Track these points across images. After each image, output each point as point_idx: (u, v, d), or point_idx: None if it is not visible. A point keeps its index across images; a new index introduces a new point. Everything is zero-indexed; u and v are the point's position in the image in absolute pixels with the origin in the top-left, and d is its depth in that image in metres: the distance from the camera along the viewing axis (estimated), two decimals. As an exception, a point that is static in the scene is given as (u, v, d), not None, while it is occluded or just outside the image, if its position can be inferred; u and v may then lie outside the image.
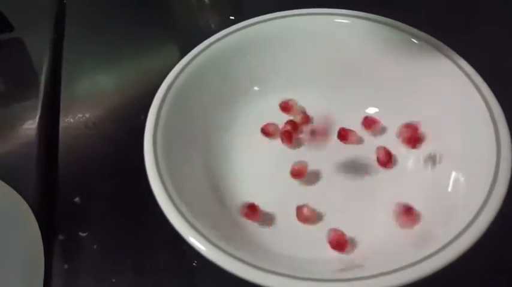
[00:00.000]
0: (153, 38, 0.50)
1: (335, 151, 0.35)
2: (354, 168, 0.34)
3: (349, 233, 0.30)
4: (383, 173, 0.34)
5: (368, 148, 0.35)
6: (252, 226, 0.32)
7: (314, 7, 0.38)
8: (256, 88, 0.38)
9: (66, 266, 0.33)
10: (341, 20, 0.37)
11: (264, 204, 0.32)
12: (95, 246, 0.34)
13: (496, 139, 0.29)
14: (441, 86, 0.34)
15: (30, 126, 0.41)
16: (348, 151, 0.35)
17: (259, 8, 0.40)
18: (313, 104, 0.38)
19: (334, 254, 0.30)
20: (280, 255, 0.29)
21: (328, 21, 0.37)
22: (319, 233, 0.31)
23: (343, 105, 0.37)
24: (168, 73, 0.35)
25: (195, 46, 0.36)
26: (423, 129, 0.34)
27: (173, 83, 0.33)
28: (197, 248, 0.26)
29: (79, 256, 0.33)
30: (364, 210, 0.32)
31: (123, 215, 0.35)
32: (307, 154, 0.35)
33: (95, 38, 0.51)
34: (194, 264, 0.32)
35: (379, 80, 0.37)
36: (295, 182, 0.34)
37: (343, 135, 0.35)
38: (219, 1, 0.56)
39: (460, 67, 0.33)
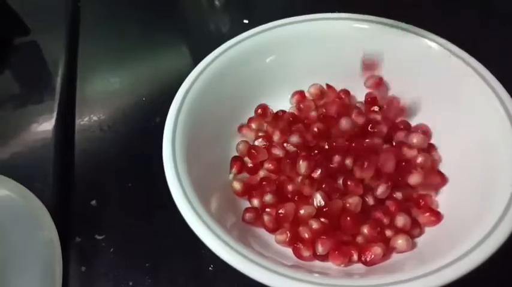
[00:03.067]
0: (166, 40, 0.51)
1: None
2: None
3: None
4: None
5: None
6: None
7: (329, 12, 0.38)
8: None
9: (83, 268, 0.33)
10: (359, 25, 0.37)
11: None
12: (111, 249, 0.34)
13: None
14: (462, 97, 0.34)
15: (46, 128, 0.42)
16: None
17: (270, 12, 0.40)
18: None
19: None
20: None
21: (346, 25, 0.37)
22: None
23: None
24: (181, 75, 0.35)
25: (207, 48, 0.37)
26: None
27: (190, 89, 0.33)
28: (220, 256, 0.26)
29: (96, 259, 0.33)
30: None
31: (140, 218, 0.35)
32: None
33: (109, 41, 0.51)
34: (210, 268, 0.32)
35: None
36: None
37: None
38: (230, 4, 0.56)
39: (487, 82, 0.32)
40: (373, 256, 0.29)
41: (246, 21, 0.50)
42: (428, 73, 0.35)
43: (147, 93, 0.45)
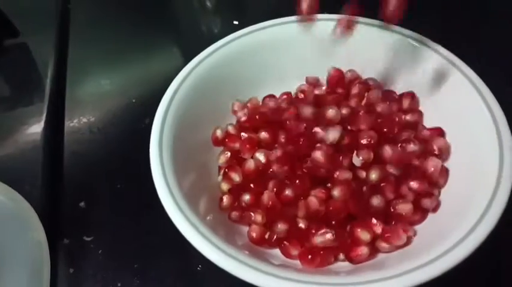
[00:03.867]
0: (157, 41, 0.51)
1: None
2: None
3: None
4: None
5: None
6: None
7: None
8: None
9: (71, 270, 0.33)
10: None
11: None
12: (100, 250, 0.34)
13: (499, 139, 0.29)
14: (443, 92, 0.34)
15: (36, 130, 0.41)
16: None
17: (262, 13, 0.40)
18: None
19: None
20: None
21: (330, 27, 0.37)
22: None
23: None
24: (171, 76, 0.35)
25: (198, 49, 0.37)
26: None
27: (177, 90, 0.34)
28: (207, 256, 0.26)
29: (84, 260, 0.33)
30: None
31: (128, 219, 0.35)
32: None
33: (99, 42, 0.51)
34: (199, 268, 0.32)
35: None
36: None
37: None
38: (222, 5, 0.56)
39: (465, 75, 0.33)
40: (360, 255, 0.29)
41: (236, 22, 0.50)
42: (408, 69, 0.36)
43: (137, 95, 0.45)
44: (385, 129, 0.33)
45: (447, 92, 0.34)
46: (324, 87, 0.38)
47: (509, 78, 0.41)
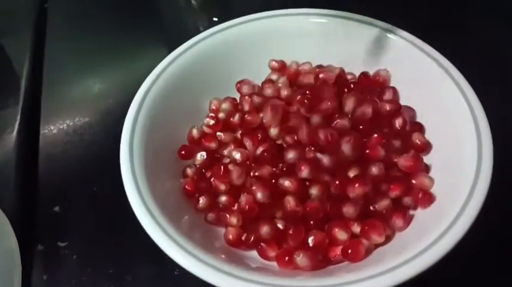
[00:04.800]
0: (137, 41, 0.49)
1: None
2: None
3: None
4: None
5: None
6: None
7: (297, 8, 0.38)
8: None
9: (45, 277, 0.32)
10: (318, 20, 0.37)
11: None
12: (74, 256, 0.33)
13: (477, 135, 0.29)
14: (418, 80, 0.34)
15: (10, 133, 0.40)
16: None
17: (246, 10, 0.39)
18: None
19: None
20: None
21: (305, 21, 0.37)
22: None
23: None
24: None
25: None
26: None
27: (149, 91, 0.33)
28: (178, 263, 0.26)
29: (58, 267, 0.32)
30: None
31: (104, 224, 0.35)
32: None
33: (77, 43, 0.50)
34: (176, 273, 0.31)
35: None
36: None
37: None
38: (207, 3, 0.55)
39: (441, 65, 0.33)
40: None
41: (215, 19, 0.49)
42: (390, 64, 0.36)
43: (115, 96, 0.44)
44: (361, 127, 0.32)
45: (427, 88, 0.34)
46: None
47: (490, 74, 0.40)
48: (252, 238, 0.30)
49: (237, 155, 0.32)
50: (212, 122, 0.34)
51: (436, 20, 0.46)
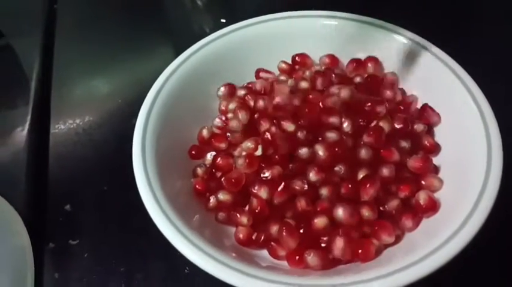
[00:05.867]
0: (145, 41, 0.50)
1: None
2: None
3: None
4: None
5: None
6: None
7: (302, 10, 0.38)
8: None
9: (56, 275, 0.32)
10: (328, 22, 0.37)
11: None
12: (85, 254, 0.33)
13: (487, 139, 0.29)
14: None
15: (20, 133, 0.41)
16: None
17: (251, 11, 0.40)
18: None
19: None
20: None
21: (316, 23, 0.37)
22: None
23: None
24: (159, 76, 0.34)
25: (186, 48, 0.36)
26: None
27: (161, 90, 0.33)
28: (192, 261, 0.26)
29: (70, 265, 0.33)
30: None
31: (114, 222, 0.35)
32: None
33: (86, 43, 0.50)
34: (186, 270, 0.32)
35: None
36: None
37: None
38: (213, 4, 0.56)
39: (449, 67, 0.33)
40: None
41: (223, 20, 0.50)
42: (398, 65, 0.36)
43: (124, 96, 0.44)
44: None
45: (436, 89, 0.34)
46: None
47: (498, 75, 0.40)
48: (263, 237, 0.30)
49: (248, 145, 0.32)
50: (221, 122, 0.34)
51: (440, 20, 0.47)
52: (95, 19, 0.54)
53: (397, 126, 0.32)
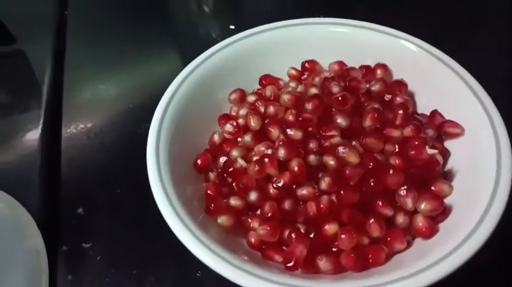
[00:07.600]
0: (155, 46, 0.51)
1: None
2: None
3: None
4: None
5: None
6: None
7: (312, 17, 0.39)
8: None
9: (70, 277, 0.33)
10: (338, 29, 0.38)
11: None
12: (98, 257, 0.34)
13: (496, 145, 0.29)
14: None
15: (33, 137, 0.41)
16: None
17: (260, 18, 0.40)
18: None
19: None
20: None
21: (325, 30, 0.38)
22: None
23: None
24: (169, 81, 0.35)
25: (196, 54, 0.37)
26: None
27: (174, 94, 0.33)
28: (204, 262, 0.26)
29: (83, 267, 0.33)
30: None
31: (127, 225, 0.35)
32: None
33: (96, 48, 0.51)
34: (198, 274, 0.32)
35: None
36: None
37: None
38: (220, 10, 0.56)
39: (460, 76, 0.33)
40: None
41: (232, 26, 0.50)
42: (405, 72, 0.36)
43: (135, 100, 0.45)
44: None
45: (445, 95, 0.34)
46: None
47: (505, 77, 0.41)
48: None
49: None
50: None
51: (448, 27, 0.47)
52: (105, 24, 0.54)
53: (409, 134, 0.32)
